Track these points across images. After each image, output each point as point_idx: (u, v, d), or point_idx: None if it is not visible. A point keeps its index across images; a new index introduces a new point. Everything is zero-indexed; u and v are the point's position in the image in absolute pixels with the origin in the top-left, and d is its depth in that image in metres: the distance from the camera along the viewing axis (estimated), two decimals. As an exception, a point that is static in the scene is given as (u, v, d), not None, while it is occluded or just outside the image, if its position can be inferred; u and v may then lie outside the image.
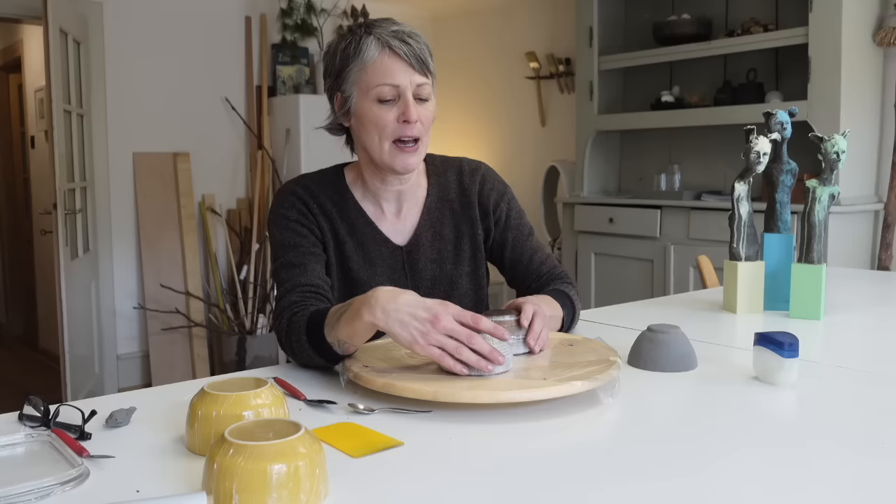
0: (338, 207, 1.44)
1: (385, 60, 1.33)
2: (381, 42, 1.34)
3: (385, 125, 1.34)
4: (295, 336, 1.22)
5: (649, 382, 1.17)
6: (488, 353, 1.05)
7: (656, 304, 1.89)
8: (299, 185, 1.45)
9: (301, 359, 1.25)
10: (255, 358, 4.23)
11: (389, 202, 1.46)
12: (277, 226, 1.41)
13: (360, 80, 1.35)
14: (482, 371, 1.05)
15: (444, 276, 1.47)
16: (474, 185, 1.50)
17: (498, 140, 5.23)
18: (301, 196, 1.42)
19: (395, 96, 1.33)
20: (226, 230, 4.54)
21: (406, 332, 1.06)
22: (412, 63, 1.33)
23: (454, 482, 0.82)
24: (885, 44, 3.26)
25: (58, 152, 3.45)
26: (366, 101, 1.35)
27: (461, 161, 1.54)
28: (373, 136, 1.35)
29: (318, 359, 1.21)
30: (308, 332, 1.20)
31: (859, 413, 1.06)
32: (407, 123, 1.33)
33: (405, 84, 1.33)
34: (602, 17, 4.17)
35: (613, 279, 4.06)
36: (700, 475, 0.83)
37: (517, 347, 1.17)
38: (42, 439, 0.90)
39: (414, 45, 1.34)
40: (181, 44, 4.37)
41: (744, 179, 1.68)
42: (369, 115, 1.35)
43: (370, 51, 1.34)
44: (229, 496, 0.71)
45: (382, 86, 1.33)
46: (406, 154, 1.36)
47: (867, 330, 1.59)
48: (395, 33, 1.34)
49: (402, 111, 1.33)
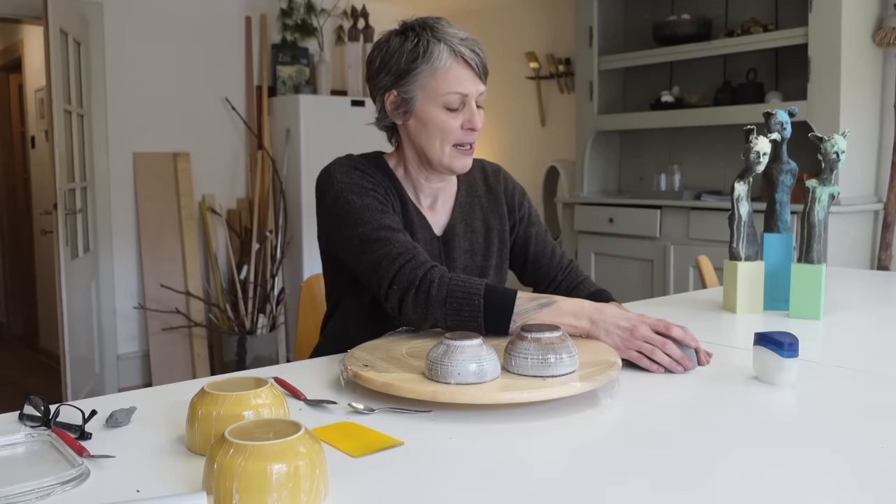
0: (391, 187, 1.47)
1: (457, 69, 1.37)
2: (453, 51, 1.37)
3: (451, 131, 1.39)
4: (462, 293, 1.24)
5: (649, 382, 1.17)
6: (679, 357, 1.20)
7: (656, 304, 1.89)
8: (354, 161, 1.46)
9: (440, 315, 1.25)
10: (255, 358, 4.23)
11: (426, 195, 1.51)
12: (354, 192, 1.39)
13: (428, 85, 1.38)
14: (674, 370, 1.20)
15: (475, 266, 1.52)
16: (499, 183, 1.59)
17: (498, 140, 5.23)
18: (364, 168, 1.44)
19: (461, 104, 1.39)
20: (226, 230, 4.54)
21: (610, 339, 1.21)
22: (479, 73, 1.40)
23: (454, 482, 0.82)
24: (885, 44, 3.26)
25: (58, 152, 3.45)
26: (432, 107, 1.38)
27: (482, 161, 1.63)
28: (435, 139, 1.40)
29: (475, 322, 1.23)
30: (486, 297, 1.23)
31: (859, 413, 1.06)
32: (472, 131, 1.40)
33: (472, 93, 1.39)
34: (602, 17, 4.18)
35: (613, 279, 4.06)
36: (700, 475, 0.83)
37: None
38: (42, 439, 0.91)
39: (481, 54, 1.41)
40: (181, 44, 4.38)
41: (744, 179, 1.68)
42: (435, 120, 1.39)
43: (442, 58, 1.37)
44: (229, 496, 0.71)
45: (452, 94, 1.37)
46: (465, 157, 1.42)
47: (867, 330, 1.59)
48: (465, 42, 1.39)
49: (467, 118, 1.39)
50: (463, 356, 1.03)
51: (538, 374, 1.05)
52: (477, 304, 1.23)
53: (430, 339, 1.27)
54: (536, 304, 1.24)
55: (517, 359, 1.07)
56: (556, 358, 1.05)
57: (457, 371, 1.02)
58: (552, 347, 1.06)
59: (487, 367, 1.04)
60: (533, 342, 1.06)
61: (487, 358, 1.04)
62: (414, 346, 1.23)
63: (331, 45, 4.94)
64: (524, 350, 1.06)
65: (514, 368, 1.07)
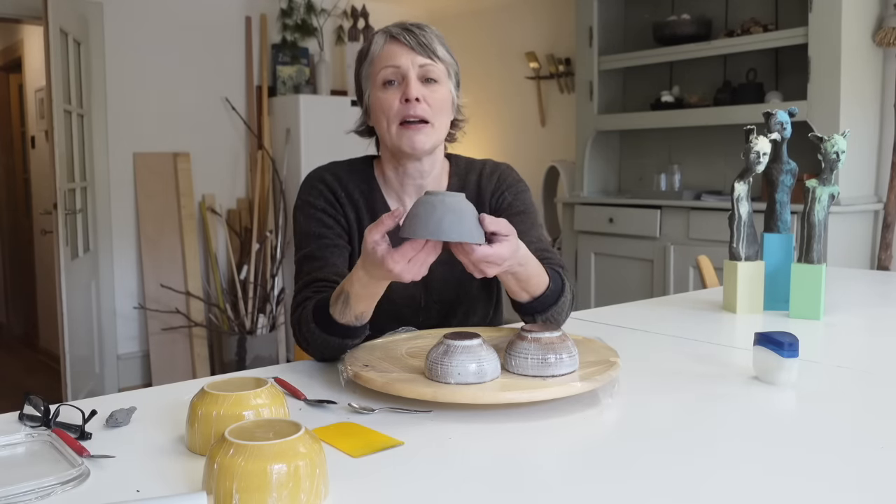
0: (365, 198, 1.43)
1: (389, 48, 1.35)
2: (388, 33, 1.36)
3: (389, 107, 1.33)
4: (305, 326, 1.23)
5: (649, 382, 1.17)
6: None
7: (656, 303, 1.89)
8: (329, 171, 1.45)
9: (317, 349, 1.24)
10: (255, 358, 4.23)
11: (411, 198, 1.45)
12: (303, 213, 1.40)
13: (370, 74, 1.37)
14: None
15: (453, 279, 1.44)
16: (490, 185, 1.48)
17: (498, 140, 5.23)
18: (330, 184, 1.42)
19: (399, 78, 1.33)
20: (226, 230, 4.54)
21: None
22: (413, 46, 1.33)
23: (454, 482, 0.82)
24: (885, 44, 3.26)
25: (58, 152, 3.45)
26: (375, 90, 1.36)
27: (485, 163, 1.52)
28: (382, 121, 1.35)
29: (336, 340, 1.20)
30: (316, 320, 1.20)
31: (859, 413, 1.06)
32: (408, 103, 1.32)
33: (406, 65, 1.33)
34: (602, 17, 4.17)
35: (613, 279, 4.06)
36: (699, 475, 0.83)
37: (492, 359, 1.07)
38: (42, 439, 0.90)
39: (417, 31, 1.35)
40: (181, 44, 4.37)
41: (744, 179, 1.68)
42: (377, 101, 1.36)
43: (377, 44, 1.36)
44: (229, 496, 0.71)
45: (385, 69, 1.34)
46: (411, 132, 1.33)
47: (867, 330, 1.59)
48: (400, 24, 1.36)
49: (402, 91, 1.33)
50: (463, 356, 1.03)
51: (538, 374, 1.05)
52: (314, 328, 1.21)
53: (430, 339, 1.27)
54: (344, 298, 1.17)
55: (517, 359, 1.07)
56: (557, 358, 1.05)
57: (457, 371, 1.02)
58: (552, 347, 1.06)
59: (487, 366, 1.04)
60: (533, 342, 1.06)
61: (487, 358, 1.04)
62: (414, 347, 1.23)
63: (331, 45, 4.93)
64: (524, 350, 1.06)
65: (514, 368, 1.07)
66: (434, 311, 1.45)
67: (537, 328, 1.09)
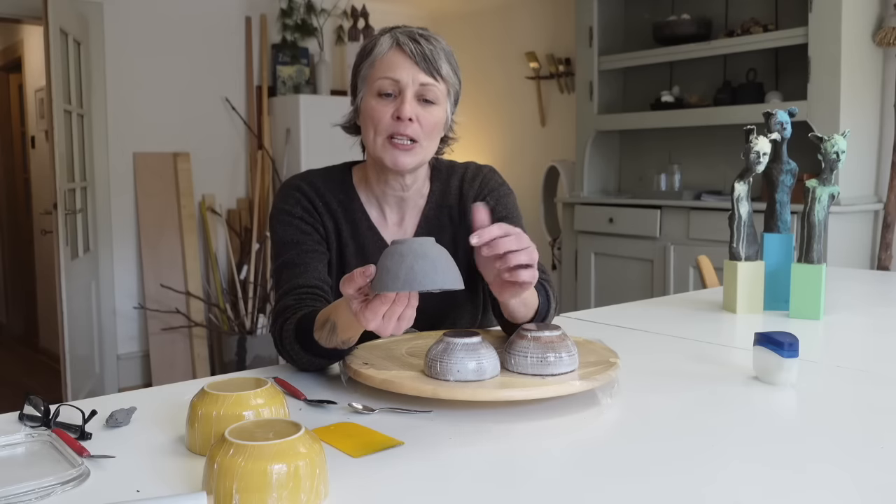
0: (343, 207, 1.40)
1: (393, 56, 1.30)
2: (395, 39, 1.31)
3: (380, 119, 1.29)
4: (290, 346, 1.21)
5: (649, 382, 1.17)
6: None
7: (656, 303, 1.89)
8: (305, 180, 1.41)
9: (300, 366, 1.23)
10: (255, 358, 4.23)
11: (392, 207, 1.42)
12: (280, 222, 1.37)
13: (369, 76, 1.32)
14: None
15: (434, 294, 1.42)
16: (472, 189, 1.44)
17: (498, 140, 5.23)
18: (306, 192, 1.39)
19: (396, 92, 1.29)
20: (226, 230, 4.54)
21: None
22: (417, 61, 1.29)
23: (454, 482, 0.82)
24: (885, 44, 3.26)
25: (58, 152, 3.45)
26: (369, 96, 1.32)
27: (467, 166, 1.48)
28: (369, 129, 1.31)
29: (322, 361, 1.19)
30: (300, 342, 1.18)
31: (859, 413, 1.06)
32: (399, 121, 1.28)
33: (406, 81, 1.28)
34: (602, 17, 4.17)
35: (613, 279, 4.06)
36: (699, 475, 0.83)
37: (492, 357, 1.06)
38: (42, 439, 0.90)
39: (424, 44, 1.30)
40: (181, 44, 4.37)
41: (744, 179, 1.68)
42: (368, 108, 1.31)
43: (383, 46, 1.31)
44: (229, 496, 0.71)
45: (383, 79, 1.29)
46: (397, 151, 1.29)
47: (867, 330, 1.59)
48: (409, 32, 1.31)
49: (397, 107, 1.28)
50: (462, 354, 1.03)
51: (538, 372, 1.05)
52: (298, 348, 1.19)
53: (431, 339, 1.27)
54: (331, 326, 1.12)
55: (517, 357, 1.07)
56: (556, 357, 1.05)
57: (456, 368, 1.02)
58: (552, 346, 1.06)
59: (487, 364, 1.04)
60: (533, 341, 1.06)
61: (487, 356, 1.04)
62: (414, 346, 1.23)
63: (331, 45, 4.93)
64: (524, 348, 1.06)
65: (513, 367, 1.07)
66: (420, 319, 1.43)
67: (537, 327, 1.09)
